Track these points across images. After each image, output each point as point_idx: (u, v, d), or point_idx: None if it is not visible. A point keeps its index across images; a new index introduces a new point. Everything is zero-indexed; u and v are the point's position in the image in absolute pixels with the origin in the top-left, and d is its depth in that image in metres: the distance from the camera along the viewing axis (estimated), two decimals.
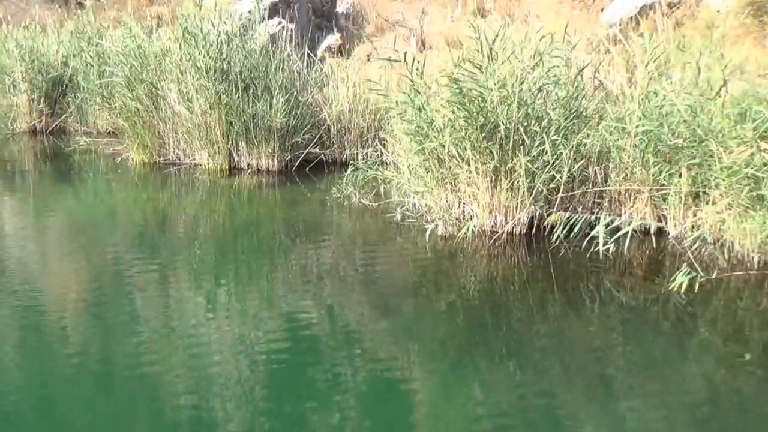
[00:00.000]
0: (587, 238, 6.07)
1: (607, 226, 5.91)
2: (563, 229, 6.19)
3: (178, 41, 9.26)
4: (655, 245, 6.20)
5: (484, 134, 6.13)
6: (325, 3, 13.92)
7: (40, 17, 16.79)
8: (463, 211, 6.63)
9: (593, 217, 6.17)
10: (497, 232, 6.38)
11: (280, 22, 12.11)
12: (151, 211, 8.11)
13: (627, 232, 5.89)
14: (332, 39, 13.36)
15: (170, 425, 3.79)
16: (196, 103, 9.02)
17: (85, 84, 11.89)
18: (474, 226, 6.26)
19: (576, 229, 6.13)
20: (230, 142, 9.15)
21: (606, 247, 5.89)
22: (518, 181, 6.20)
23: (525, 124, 6.14)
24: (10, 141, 12.25)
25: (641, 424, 3.73)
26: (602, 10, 12.25)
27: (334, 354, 4.54)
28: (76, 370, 4.38)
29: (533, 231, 6.46)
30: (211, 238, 7.18)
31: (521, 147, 6.15)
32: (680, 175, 6.17)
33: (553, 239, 6.18)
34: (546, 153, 6.05)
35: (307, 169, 9.22)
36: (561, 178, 6.12)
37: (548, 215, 6.37)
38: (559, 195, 6.23)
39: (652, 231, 6.31)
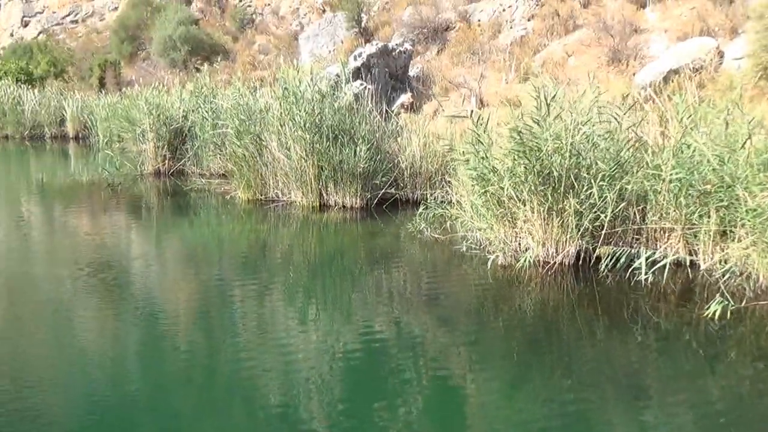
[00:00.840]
0: (628, 269, 6.05)
1: (647, 259, 5.86)
2: (609, 261, 6.18)
3: (278, 99, 9.58)
4: (688, 277, 6.13)
5: (540, 179, 6.18)
6: (399, 68, 14.17)
7: (164, 79, 17.52)
8: (519, 244, 6.66)
9: (634, 251, 6.13)
10: (549, 263, 6.39)
11: (362, 83, 12.39)
12: (254, 240, 8.36)
13: (665, 265, 5.84)
14: (405, 97, 13.58)
15: (262, 419, 3.91)
16: (293, 151, 9.29)
17: (201, 134, 12.33)
18: (530, 258, 6.28)
19: (621, 262, 6.10)
20: (321, 183, 9.38)
21: (645, 277, 5.85)
22: (568, 219, 6.22)
23: (575, 170, 6.17)
24: (139, 181, 12.76)
25: None
26: (635, 74, 12.17)
27: (403, 364, 4.61)
28: (184, 368, 4.59)
29: (580, 262, 6.45)
30: (303, 263, 7.38)
31: (571, 190, 6.18)
32: (710, 216, 6.10)
33: (601, 269, 6.16)
34: (593, 196, 6.06)
35: (384, 206, 9.37)
36: (605, 217, 6.12)
37: (594, 249, 6.36)
38: (604, 231, 6.21)
39: (688, 264, 6.23)
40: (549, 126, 6.13)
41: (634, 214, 6.47)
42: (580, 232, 6.23)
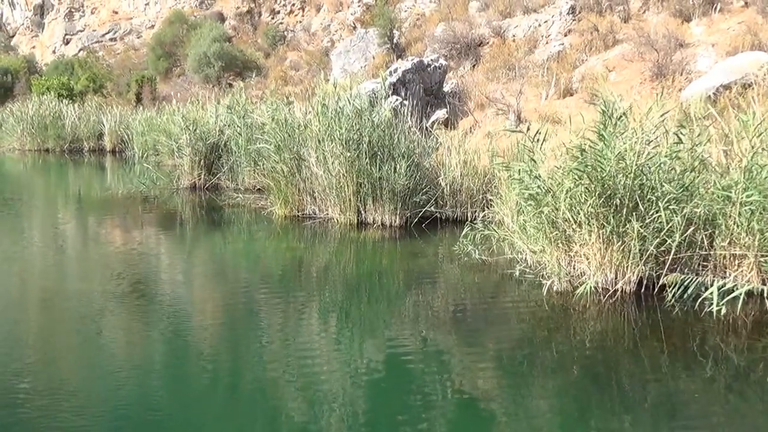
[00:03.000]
0: (695, 299, 5.45)
1: (719, 288, 5.25)
2: (675, 289, 5.57)
3: (317, 115, 9.14)
4: (762, 308, 5.50)
5: (601, 201, 5.62)
6: (434, 83, 13.70)
7: (198, 94, 17.26)
8: (575, 269, 6.09)
9: (703, 279, 5.52)
10: (608, 290, 5.81)
11: (397, 99, 11.92)
12: (290, 258, 7.90)
13: (738, 295, 5.23)
14: (440, 113, 13.09)
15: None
16: (332, 167, 8.82)
17: (236, 149, 11.97)
18: (591, 285, 5.68)
19: (690, 290, 5.50)
20: (359, 200, 8.90)
21: (717, 308, 5.24)
22: (630, 244, 5.64)
23: (639, 192, 5.60)
24: (175, 195, 12.40)
25: None
26: (681, 90, 11.54)
27: (447, 397, 4.13)
28: (213, 384, 4.39)
29: (642, 289, 5.86)
30: (339, 282, 6.91)
31: (634, 213, 5.61)
32: None
33: (665, 298, 5.57)
34: (658, 219, 5.48)
35: (423, 225, 8.85)
36: (672, 242, 5.52)
37: (658, 276, 5.76)
38: (670, 257, 5.61)
39: (763, 294, 5.60)
40: (613, 145, 5.56)
41: (701, 239, 5.87)
42: (643, 258, 5.63)
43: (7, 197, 13.47)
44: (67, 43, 37.88)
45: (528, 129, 6.20)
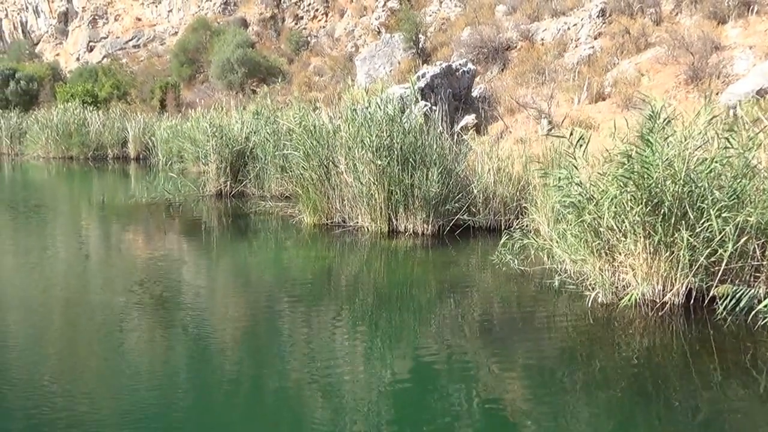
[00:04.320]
0: (748, 311, 5.23)
1: None
2: (728, 301, 5.36)
3: (347, 121, 9.03)
4: None
5: (648, 209, 5.43)
6: (462, 88, 13.56)
7: (222, 100, 17.28)
8: (620, 279, 5.90)
9: (759, 291, 5.31)
10: (655, 302, 5.61)
11: (426, 104, 11.80)
12: (319, 267, 7.80)
13: None
14: (469, 118, 12.94)
15: None
16: (363, 174, 8.71)
17: (262, 155, 11.90)
18: (637, 296, 5.49)
19: (742, 303, 5.28)
20: (390, 208, 8.75)
21: None
22: (679, 254, 5.45)
23: (688, 200, 5.40)
24: (200, 202, 12.37)
25: None
26: (718, 94, 11.29)
27: (485, 414, 3.98)
28: (237, 393, 4.34)
29: (691, 301, 5.65)
30: (370, 292, 6.78)
31: (683, 221, 5.41)
32: None
33: (718, 311, 5.36)
34: (709, 228, 5.28)
35: (455, 233, 8.69)
36: (724, 252, 5.31)
37: (708, 287, 5.55)
38: (722, 268, 5.40)
39: None
40: (661, 150, 5.37)
41: (753, 248, 5.65)
42: (693, 269, 5.43)
43: (34, 205, 13.55)
44: (91, 50, 38.31)
45: (570, 134, 6.03)
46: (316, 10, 29.92)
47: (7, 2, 42.50)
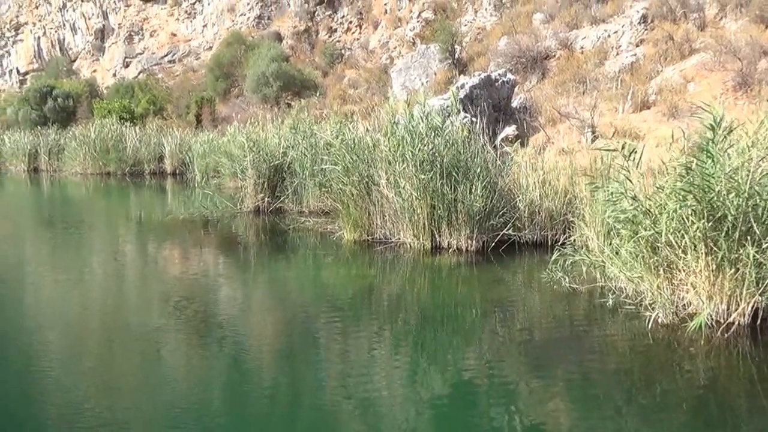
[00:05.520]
0: None
1: None
2: None
3: (387, 135, 8.92)
4: None
5: (710, 224, 5.20)
6: (502, 99, 13.38)
7: (257, 115, 17.32)
8: (680, 298, 5.66)
9: None
10: (720, 323, 5.36)
11: (465, 116, 11.64)
12: (361, 284, 7.69)
13: None
14: (509, 130, 12.75)
15: None
16: (404, 189, 8.57)
17: (300, 170, 11.85)
18: (704, 319, 5.22)
19: None
20: (433, 223, 8.59)
21: None
22: (744, 271, 5.20)
23: (753, 213, 5.16)
24: (238, 218, 12.35)
25: None
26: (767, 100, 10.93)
27: None
28: (273, 412, 4.33)
29: (757, 322, 5.39)
30: (413, 311, 6.63)
31: (748, 237, 5.17)
32: None
33: None
34: None
35: (500, 249, 8.49)
36: None
37: None
38: None
39: None
40: (723, 162, 5.14)
41: None
42: (761, 288, 5.18)
43: (73, 221, 13.71)
44: (127, 66, 39.00)
45: (623, 147, 5.82)
46: (350, 22, 30.03)
47: (45, 20, 43.55)
